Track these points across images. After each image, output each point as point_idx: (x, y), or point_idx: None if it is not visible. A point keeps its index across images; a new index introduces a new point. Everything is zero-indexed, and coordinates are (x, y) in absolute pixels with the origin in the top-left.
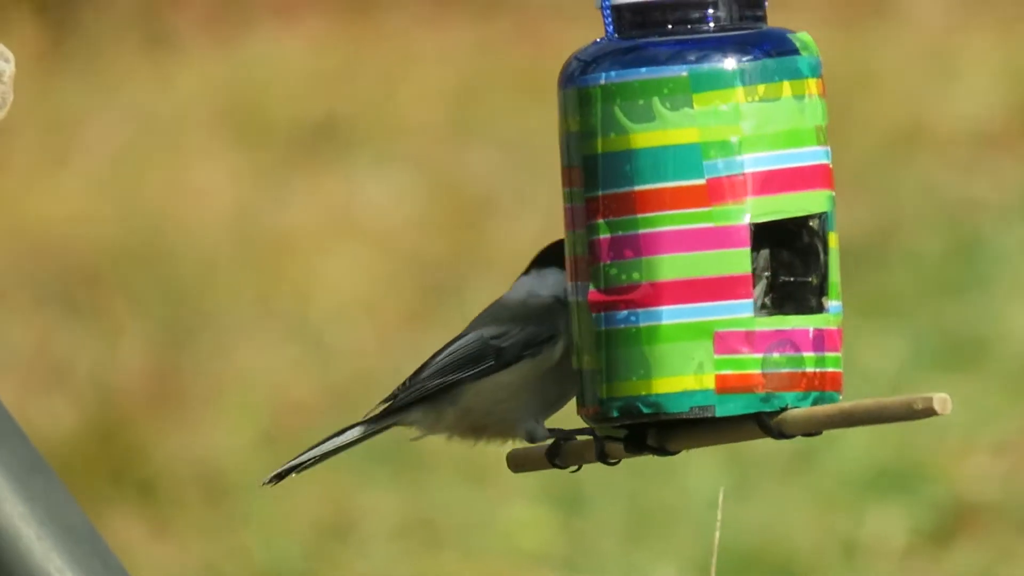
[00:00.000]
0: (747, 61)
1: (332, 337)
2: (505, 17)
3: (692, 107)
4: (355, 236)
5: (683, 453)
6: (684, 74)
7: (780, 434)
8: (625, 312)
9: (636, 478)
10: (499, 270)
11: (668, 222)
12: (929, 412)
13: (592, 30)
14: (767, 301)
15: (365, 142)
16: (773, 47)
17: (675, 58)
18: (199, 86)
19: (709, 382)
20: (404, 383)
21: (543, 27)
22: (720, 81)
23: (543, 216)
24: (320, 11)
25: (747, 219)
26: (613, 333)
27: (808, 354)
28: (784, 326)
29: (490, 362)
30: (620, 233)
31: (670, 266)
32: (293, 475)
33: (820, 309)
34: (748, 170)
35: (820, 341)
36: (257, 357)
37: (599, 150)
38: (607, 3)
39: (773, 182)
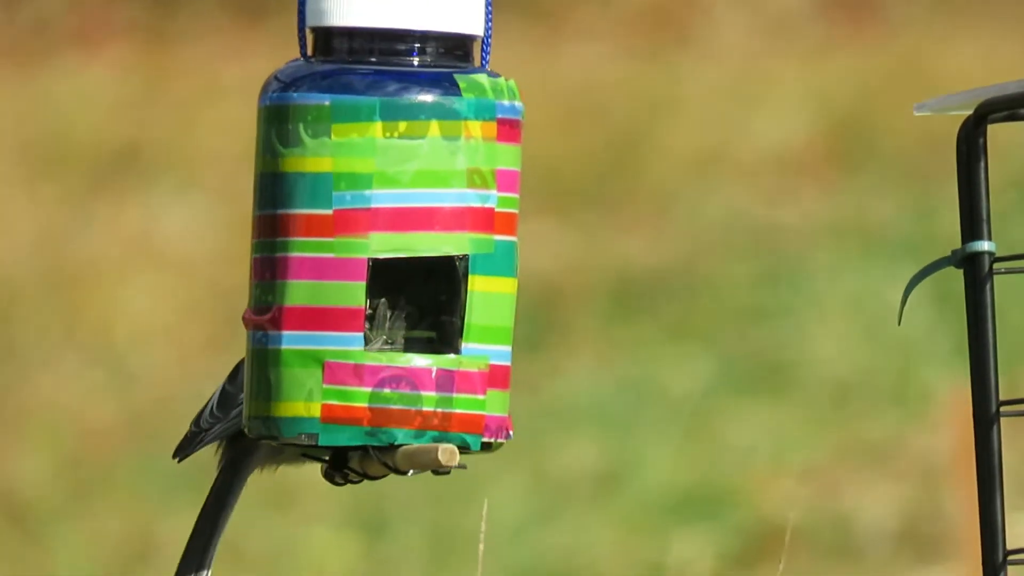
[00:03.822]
0: (392, 96)
1: (134, 364)
2: None
3: (330, 136)
4: (157, 264)
5: (488, 477)
6: (327, 103)
7: (394, 468)
8: (260, 333)
9: (438, 503)
10: None
11: (298, 248)
12: (440, 465)
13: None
14: (373, 335)
15: (167, 171)
16: (430, 87)
17: (370, 88)
18: (0, 114)
19: (316, 410)
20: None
21: None
22: (359, 113)
23: None
24: (122, 41)
25: (367, 253)
26: (254, 352)
27: (428, 393)
28: (399, 363)
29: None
30: (265, 254)
31: (295, 292)
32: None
33: (453, 351)
34: (376, 205)
35: (448, 382)
36: (60, 384)
37: (260, 169)
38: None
39: (403, 219)
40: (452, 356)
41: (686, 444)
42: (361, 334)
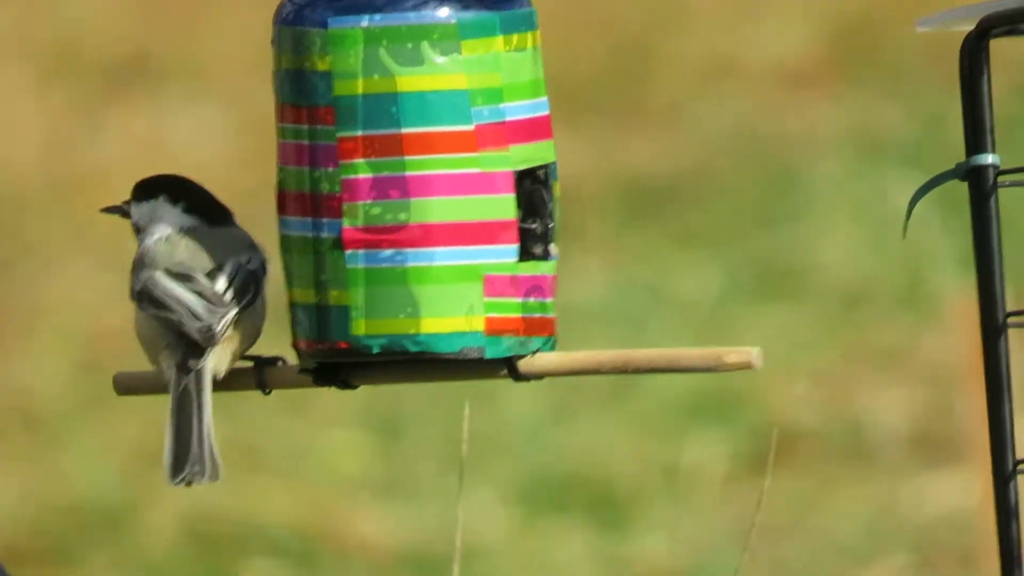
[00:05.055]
0: (506, 10)
1: None
2: None
3: (460, 53)
4: (168, 169)
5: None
6: (453, 22)
7: (521, 376)
8: (390, 251)
9: (452, 404)
10: None
11: (437, 166)
12: (744, 366)
13: None
14: (522, 247)
15: (177, 77)
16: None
17: (390, 5)
18: (10, 21)
19: (479, 324)
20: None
21: None
22: (485, 29)
23: None
24: None
25: (510, 166)
26: (375, 271)
27: (549, 300)
28: (536, 272)
29: (253, 286)
30: (385, 173)
31: (440, 209)
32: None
33: (548, 256)
34: (508, 118)
35: (553, 287)
36: (72, 287)
37: (359, 91)
38: None
39: (526, 130)
40: (551, 261)
41: (697, 347)
42: (516, 246)
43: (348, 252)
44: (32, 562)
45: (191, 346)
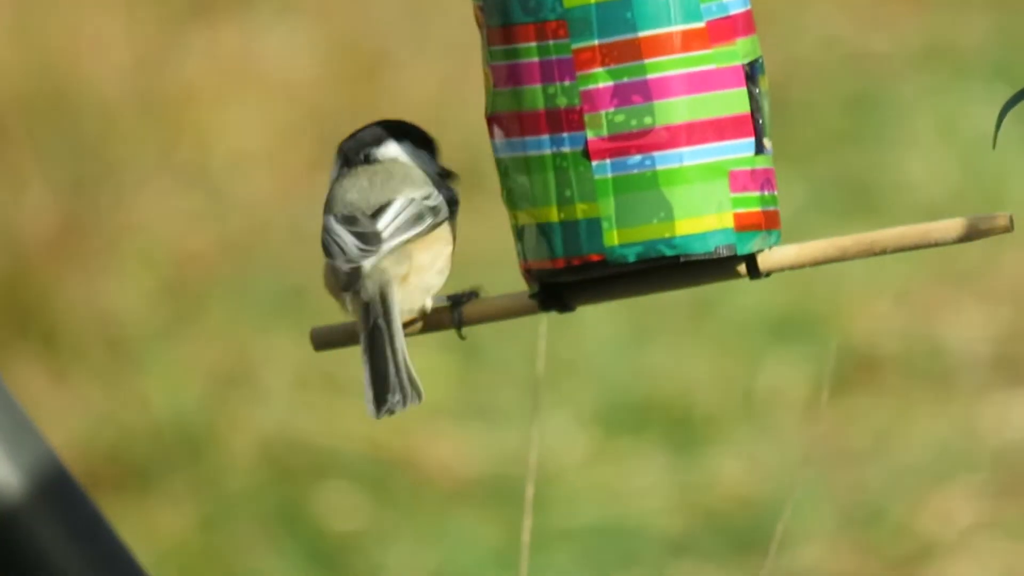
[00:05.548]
0: None
1: (231, 188)
2: None
3: None
4: (255, 88)
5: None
6: None
7: (760, 272)
8: (639, 156)
9: (532, 328)
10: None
11: (676, 66)
12: (1005, 229)
13: None
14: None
15: None
16: None
17: None
18: None
19: (729, 221)
20: (352, 258)
21: None
22: None
23: (440, 67)
24: None
25: (739, 60)
26: (625, 179)
27: (774, 193)
28: (767, 165)
29: (428, 220)
30: (626, 80)
31: (683, 108)
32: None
33: (764, 150)
34: (731, 12)
35: (772, 181)
36: (157, 208)
37: (592, 0)
38: None
39: (743, 25)
40: (770, 155)
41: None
42: (753, 139)
43: (595, 163)
44: (111, 486)
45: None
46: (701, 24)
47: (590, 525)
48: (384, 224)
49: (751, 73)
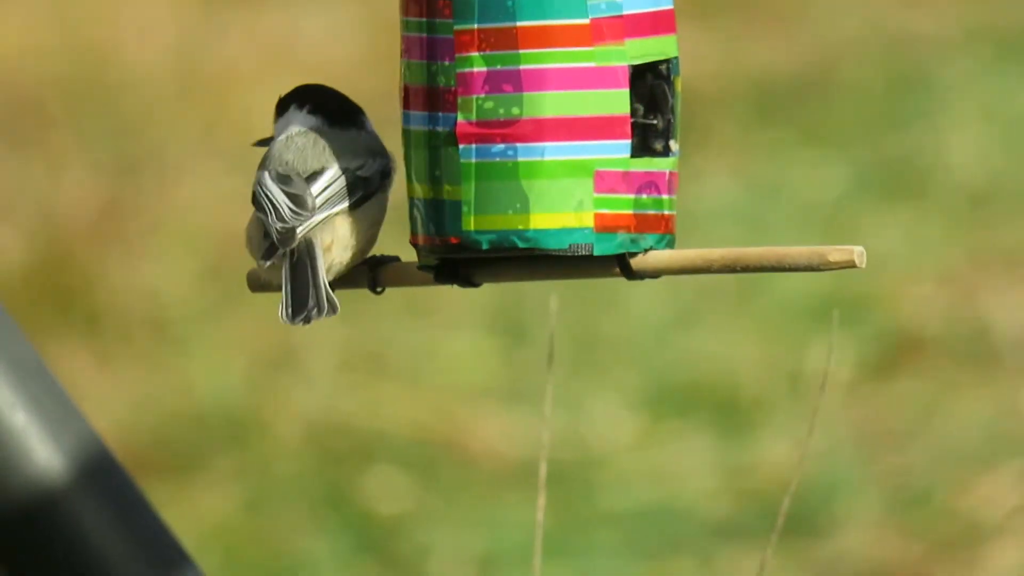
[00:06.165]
0: None
1: None
2: None
3: None
4: (296, 70)
5: (628, 284)
6: None
7: (635, 275)
8: (502, 146)
9: (578, 308)
10: None
11: (552, 59)
12: (847, 265)
13: None
14: (634, 143)
15: None
16: None
17: None
18: None
19: (588, 220)
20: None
21: None
22: None
23: None
24: None
25: (626, 60)
26: (486, 166)
27: (665, 196)
28: (650, 168)
29: (360, 192)
30: (498, 67)
31: (553, 103)
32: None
33: (668, 152)
34: (626, 11)
35: (672, 184)
36: (200, 189)
37: None
38: None
39: (643, 24)
40: (672, 158)
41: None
42: (628, 141)
43: (462, 147)
44: (154, 470)
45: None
46: (585, 20)
47: (637, 508)
48: (317, 190)
49: (666, 73)
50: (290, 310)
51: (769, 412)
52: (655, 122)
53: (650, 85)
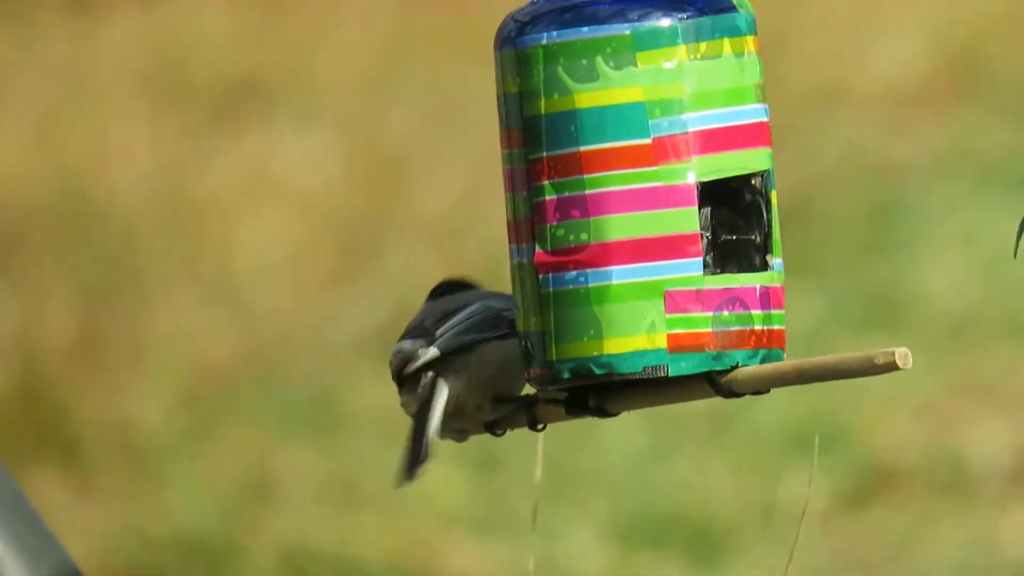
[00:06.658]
0: (685, 19)
1: (253, 298)
2: None
3: (636, 65)
4: (276, 196)
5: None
6: (627, 32)
7: (730, 392)
8: (574, 272)
9: (552, 439)
10: (416, 229)
11: (615, 182)
12: (890, 367)
13: None
14: (709, 260)
15: (286, 102)
16: (708, 5)
17: (616, 17)
18: (121, 46)
19: (661, 341)
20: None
21: None
22: (662, 39)
23: (461, 177)
24: None
25: (693, 178)
26: (561, 294)
27: (756, 312)
28: (732, 284)
29: (505, 329)
30: (566, 194)
31: (618, 226)
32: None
33: (764, 267)
34: (692, 128)
35: (767, 298)
36: (179, 318)
37: (542, 111)
38: None
39: (716, 140)
40: (767, 272)
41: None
42: (700, 259)
43: (540, 276)
44: None
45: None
46: (647, 140)
47: None
48: (446, 327)
49: (760, 188)
50: (403, 471)
51: (742, 542)
52: (752, 237)
53: (747, 200)
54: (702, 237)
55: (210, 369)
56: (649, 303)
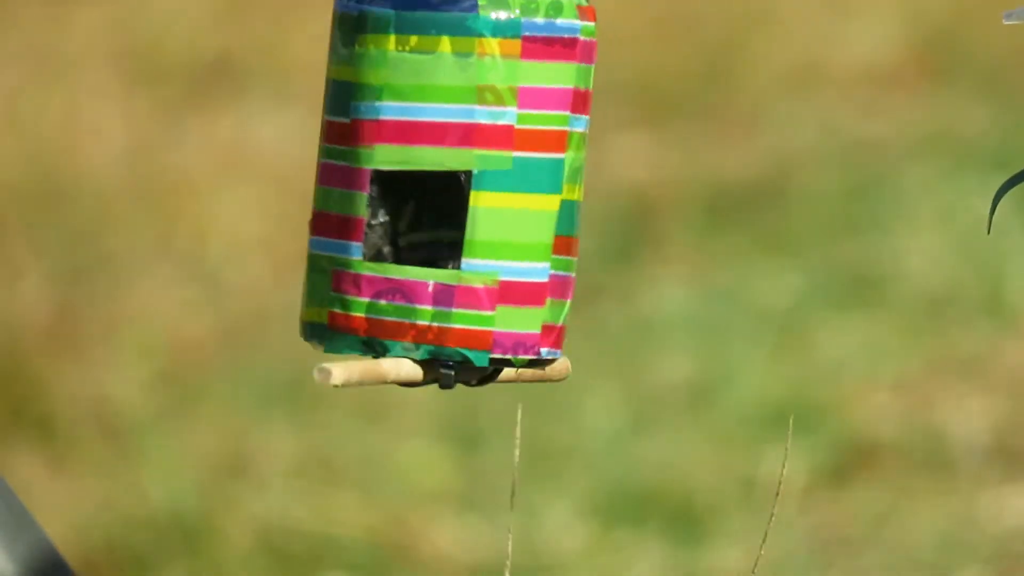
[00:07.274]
0: (403, 11)
1: (228, 275)
2: None
3: (354, 47)
4: (251, 175)
5: (582, 391)
6: (354, 14)
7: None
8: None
9: (532, 415)
10: None
11: (325, 155)
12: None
13: None
14: (385, 249)
15: (260, 81)
16: (450, 2)
17: None
18: (94, 24)
19: (325, 316)
20: None
21: None
22: (378, 25)
23: None
24: None
25: (372, 164)
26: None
27: (423, 307)
28: (396, 275)
29: None
30: (320, 159)
31: (320, 197)
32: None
33: (450, 265)
34: (384, 117)
35: (446, 296)
36: (153, 296)
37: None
38: None
39: (408, 133)
40: (451, 270)
41: (778, 357)
42: (360, 244)
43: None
44: (107, 575)
45: None
46: (347, 120)
47: None
48: None
49: (464, 186)
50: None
51: (722, 519)
52: (441, 236)
53: (448, 198)
54: (367, 224)
55: (186, 347)
56: (323, 277)
